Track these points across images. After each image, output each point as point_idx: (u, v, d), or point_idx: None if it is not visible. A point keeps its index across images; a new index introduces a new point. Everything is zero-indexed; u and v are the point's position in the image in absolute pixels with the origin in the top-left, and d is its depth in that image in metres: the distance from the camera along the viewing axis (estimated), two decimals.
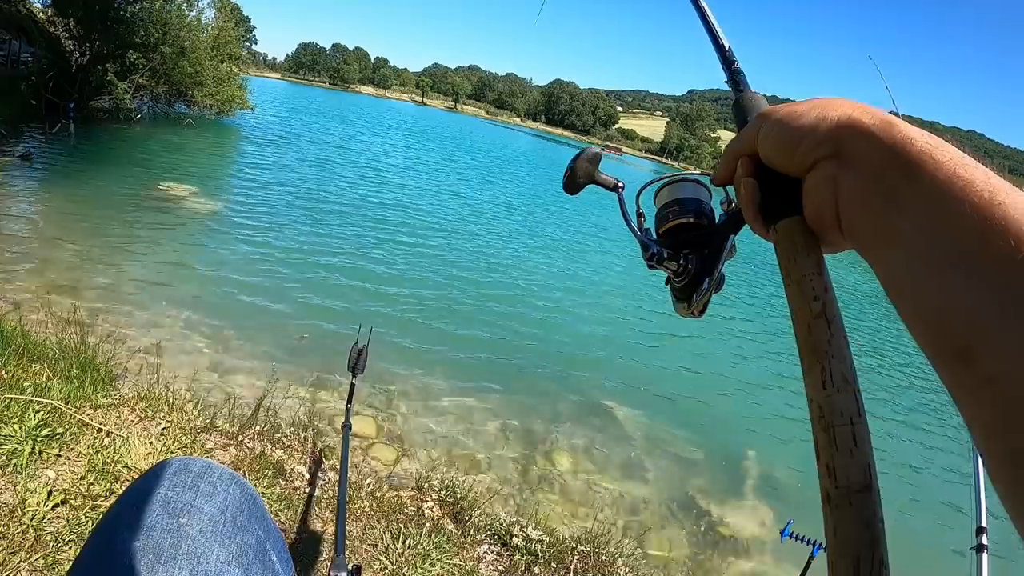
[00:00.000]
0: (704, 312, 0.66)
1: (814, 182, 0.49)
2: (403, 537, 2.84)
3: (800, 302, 0.47)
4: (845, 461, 0.40)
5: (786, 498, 5.76)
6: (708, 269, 0.63)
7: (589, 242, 16.85)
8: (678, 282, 0.66)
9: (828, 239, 0.50)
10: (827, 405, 0.42)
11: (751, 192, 0.54)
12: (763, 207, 0.53)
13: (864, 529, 0.38)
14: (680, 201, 0.67)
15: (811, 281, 0.47)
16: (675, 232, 0.66)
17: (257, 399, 3.98)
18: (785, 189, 0.52)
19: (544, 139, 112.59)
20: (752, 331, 11.73)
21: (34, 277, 6.06)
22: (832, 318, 0.45)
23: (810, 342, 0.45)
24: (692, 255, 0.64)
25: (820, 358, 0.44)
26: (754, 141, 0.54)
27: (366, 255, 9.86)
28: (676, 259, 0.64)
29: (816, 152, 0.48)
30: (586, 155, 0.71)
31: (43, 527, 2.04)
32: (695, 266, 0.63)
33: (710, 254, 0.63)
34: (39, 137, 13.57)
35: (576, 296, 10.60)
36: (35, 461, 2.33)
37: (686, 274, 0.64)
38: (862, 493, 0.39)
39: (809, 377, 0.44)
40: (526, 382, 6.53)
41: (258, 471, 2.96)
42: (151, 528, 0.75)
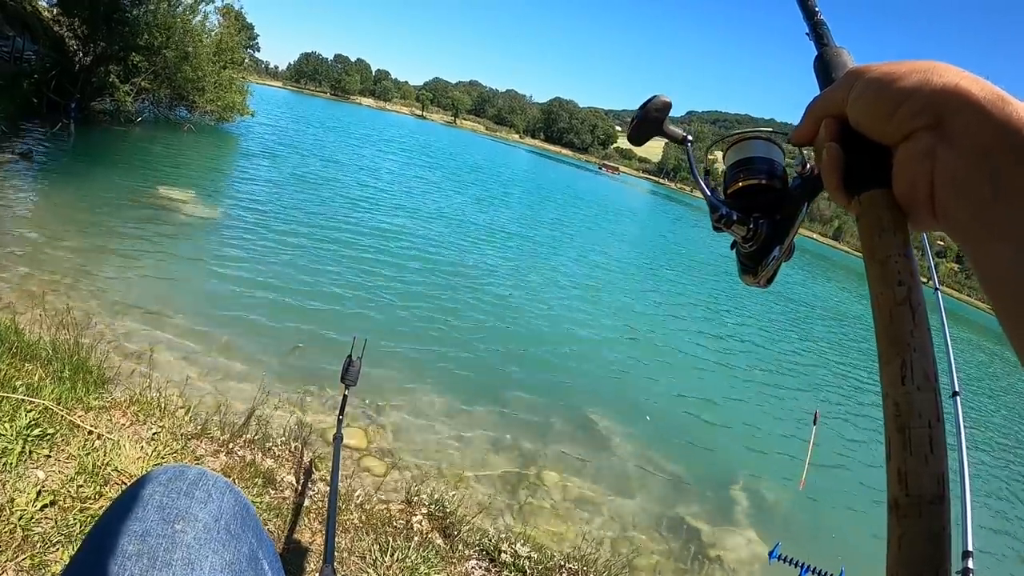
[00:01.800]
0: (771, 282, 0.62)
1: (908, 154, 0.45)
2: (391, 550, 2.82)
3: (882, 285, 0.44)
4: (919, 468, 0.37)
5: (774, 519, 5.77)
6: (779, 236, 0.59)
7: (583, 261, 16.90)
8: (746, 248, 0.61)
9: (917, 218, 0.46)
10: (905, 403, 0.39)
11: (835, 158, 0.50)
12: (847, 175, 0.49)
13: (931, 545, 0.35)
14: (751, 160, 0.62)
15: (896, 263, 0.44)
16: (744, 194, 0.61)
17: (249, 407, 3.97)
18: (873, 157, 0.48)
19: (542, 156, 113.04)
20: (744, 352, 11.75)
21: (29, 276, 6.04)
22: (917, 306, 0.42)
23: (891, 331, 0.42)
24: (763, 219, 0.59)
25: (901, 350, 0.40)
26: (842, 102, 0.50)
27: (361, 267, 9.86)
28: (746, 223, 0.60)
29: (914, 121, 0.44)
30: (655, 104, 0.66)
31: (31, 527, 2.03)
32: (765, 231, 0.59)
33: (782, 220, 0.59)
34: (39, 136, 13.56)
35: (569, 314, 10.61)
36: (25, 461, 2.32)
37: (755, 239, 0.60)
38: (934, 505, 0.36)
39: (887, 370, 0.41)
40: (517, 398, 6.52)
41: (248, 479, 2.95)
42: (146, 533, 0.75)
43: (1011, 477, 9.42)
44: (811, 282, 33.54)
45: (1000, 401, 16.45)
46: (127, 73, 19.63)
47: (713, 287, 19.26)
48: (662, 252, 25.37)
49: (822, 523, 5.96)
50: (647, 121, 0.66)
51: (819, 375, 12.13)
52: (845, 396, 11.11)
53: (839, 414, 9.73)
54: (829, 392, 11.01)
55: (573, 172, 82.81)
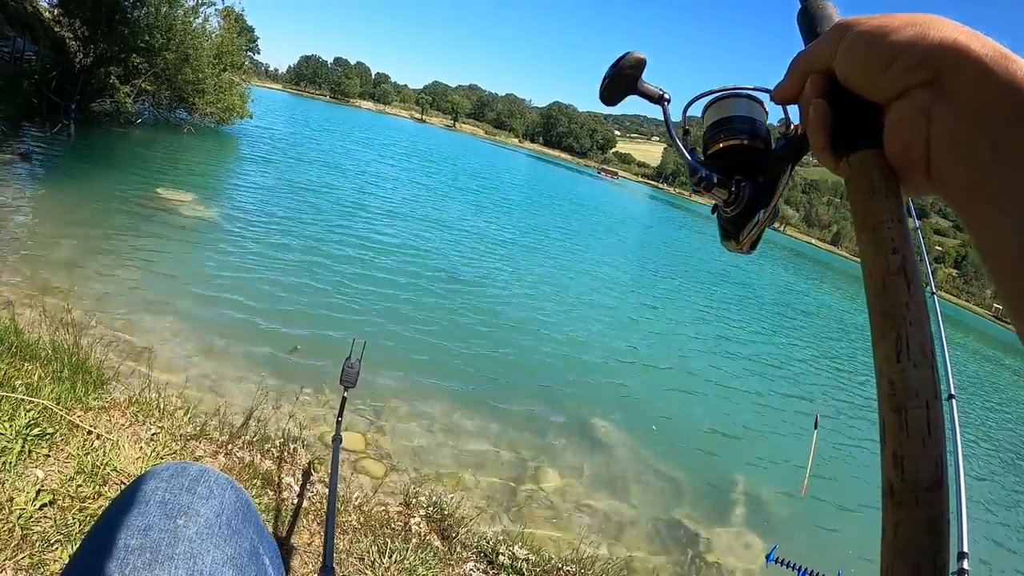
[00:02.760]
0: (754, 248, 0.61)
1: (902, 113, 0.42)
2: (390, 552, 2.82)
3: (874, 253, 0.41)
4: (916, 451, 0.35)
5: (772, 522, 5.77)
6: (763, 198, 0.56)
7: (582, 267, 16.91)
8: (728, 212, 0.59)
9: (910, 181, 0.44)
10: (900, 381, 0.36)
11: (822, 116, 0.47)
12: (835, 135, 0.46)
13: (928, 534, 0.34)
14: (731, 120, 0.59)
15: (889, 229, 0.41)
16: (725, 155, 0.58)
17: (248, 409, 3.97)
18: (863, 116, 0.45)
19: (541, 160, 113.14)
20: (743, 356, 11.75)
21: (29, 276, 6.04)
22: (912, 276, 0.39)
23: (884, 302, 0.39)
24: (745, 182, 0.57)
25: (896, 323, 0.38)
26: (830, 56, 0.47)
27: (360, 269, 9.86)
28: (727, 185, 0.56)
29: (909, 77, 0.41)
30: (628, 60, 0.62)
31: (30, 526, 2.03)
32: (748, 194, 0.56)
33: (766, 182, 0.56)
34: (39, 136, 13.56)
35: (567, 318, 10.62)
36: (24, 460, 2.32)
37: (738, 203, 0.57)
38: (931, 491, 0.34)
39: (880, 345, 0.38)
40: (516, 401, 6.53)
41: (247, 481, 2.95)
42: (149, 527, 0.76)
43: (1007, 481, 9.43)
44: (814, 289, 33.59)
45: (996, 406, 16.47)
46: (127, 74, 19.64)
47: (712, 293, 19.29)
48: (661, 258, 25.40)
49: (821, 527, 5.97)
50: (620, 78, 0.62)
51: (819, 379, 12.14)
52: (845, 399, 11.11)
53: (840, 417, 9.73)
54: (829, 395, 11.01)
55: (572, 177, 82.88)
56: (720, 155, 0.58)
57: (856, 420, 9.84)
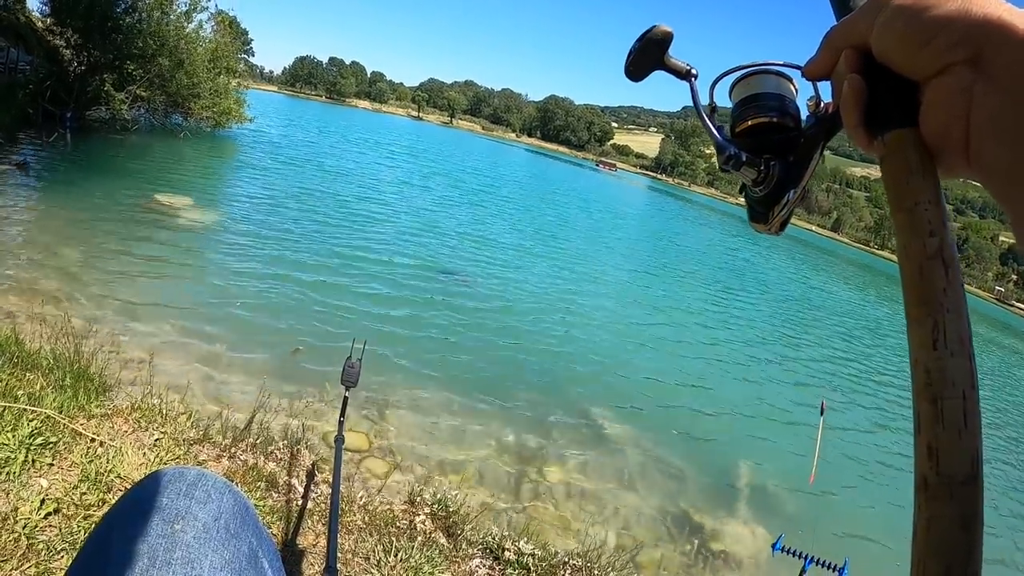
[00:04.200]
0: (783, 229, 0.59)
1: (941, 91, 0.40)
2: (395, 550, 2.83)
3: (911, 236, 0.39)
4: (951, 444, 0.34)
5: (777, 511, 5.78)
6: (793, 178, 0.54)
7: (582, 256, 16.90)
8: (757, 192, 0.57)
9: (947, 162, 0.42)
10: (937, 371, 0.35)
11: (858, 92, 0.45)
12: (869, 112, 0.45)
13: (962, 531, 0.33)
14: (760, 97, 0.56)
15: (926, 211, 0.39)
16: (753, 133, 0.56)
17: (250, 411, 3.98)
18: (899, 93, 0.43)
19: (540, 154, 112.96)
20: (744, 343, 11.75)
21: (28, 286, 6.05)
22: (951, 262, 0.38)
23: (921, 288, 0.38)
24: (775, 161, 0.55)
25: (933, 310, 0.36)
26: (866, 30, 0.45)
27: (360, 269, 9.86)
28: (756, 164, 0.55)
29: (950, 54, 0.39)
30: (654, 34, 0.59)
31: (35, 535, 2.04)
32: (778, 173, 0.55)
33: (795, 161, 0.55)
34: (36, 145, 13.57)
35: (569, 311, 10.61)
36: (28, 469, 2.33)
37: (767, 183, 0.55)
38: (966, 486, 0.33)
39: (916, 332, 0.37)
40: (518, 396, 6.53)
41: (251, 483, 2.96)
42: (146, 533, 0.76)
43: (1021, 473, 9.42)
44: (817, 277, 33.54)
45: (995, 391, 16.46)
46: (122, 81, 19.63)
47: (716, 283, 19.27)
48: (665, 249, 25.37)
49: (827, 515, 5.96)
50: (647, 53, 0.60)
51: (825, 367, 12.13)
52: (851, 386, 11.12)
53: (846, 404, 9.74)
54: (836, 382, 11.02)
55: (572, 170, 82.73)
56: (748, 133, 0.57)
57: (862, 408, 9.86)
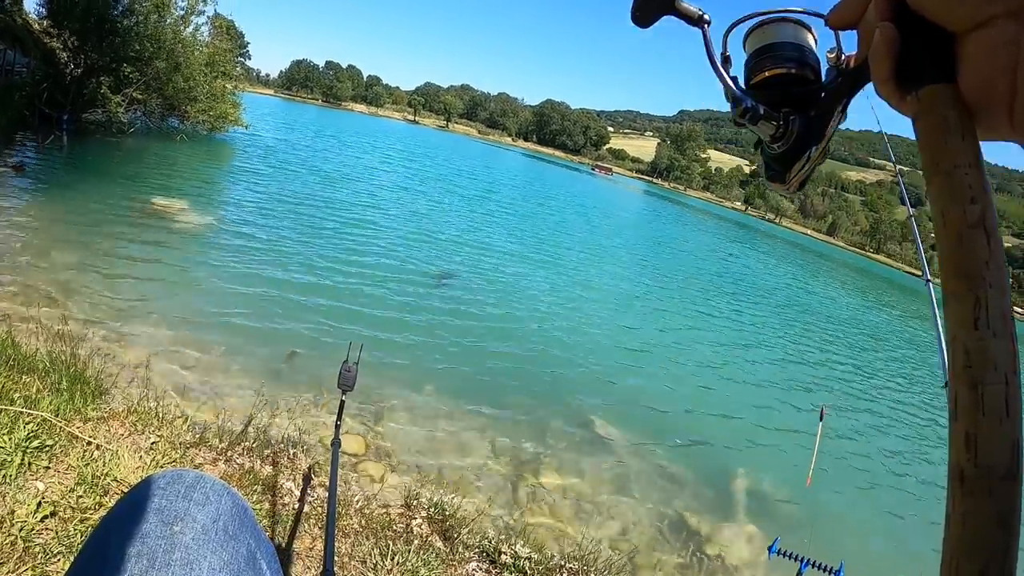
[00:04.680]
0: (802, 188, 0.56)
1: (984, 44, 0.37)
2: (391, 554, 2.83)
3: (949, 202, 0.36)
4: (992, 433, 0.31)
5: (774, 515, 5.78)
6: (814, 135, 0.51)
7: (579, 260, 16.92)
8: (774, 148, 0.53)
9: (987, 122, 0.38)
10: (978, 352, 0.32)
11: (890, 41, 0.40)
12: (901, 65, 0.41)
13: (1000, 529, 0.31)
14: (778, 46, 0.52)
15: (967, 175, 0.36)
16: (769, 86, 0.52)
17: (247, 415, 3.98)
18: (935, 45, 0.39)
19: (536, 159, 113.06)
20: (742, 348, 11.76)
21: (24, 288, 6.04)
22: (993, 231, 0.34)
23: (960, 260, 0.34)
24: (794, 115, 0.51)
25: (974, 284, 0.33)
26: None
27: (357, 273, 9.86)
28: (775, 119, 0.51)
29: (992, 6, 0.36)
30: None
31: (32, 538, 2.04)
32: (798, 129, 0.51)
33: (816, 116, 0.51)
34: (32, 148, 13.54)
35: (566, 316, 10.62)
36: (24, 472, 2.32)
37: (786, 138, 0.52)
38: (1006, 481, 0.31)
39: (954, 310, 0.34)
40: (515, 400, 6.53)
41: (247, 487, 2.95)
42: (145, 535, 0.77)
43: None
44: (813, 281, 33.61)
45: None
46: (118, 84, 19.61)
47: (714, 288, 19.30)
48: (663, 255, 25.41)
49: (824, 519, 5.97)
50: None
51: (824, 372, 12.16)
52: (850, 393, 11.14)
53: (845, 410, 9.75)
54: (835, 388, 11.04)
55: (568, 174, 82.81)
56: (764, 85, 0.53)
57: (861, 413, 9.87)
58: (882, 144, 2.10)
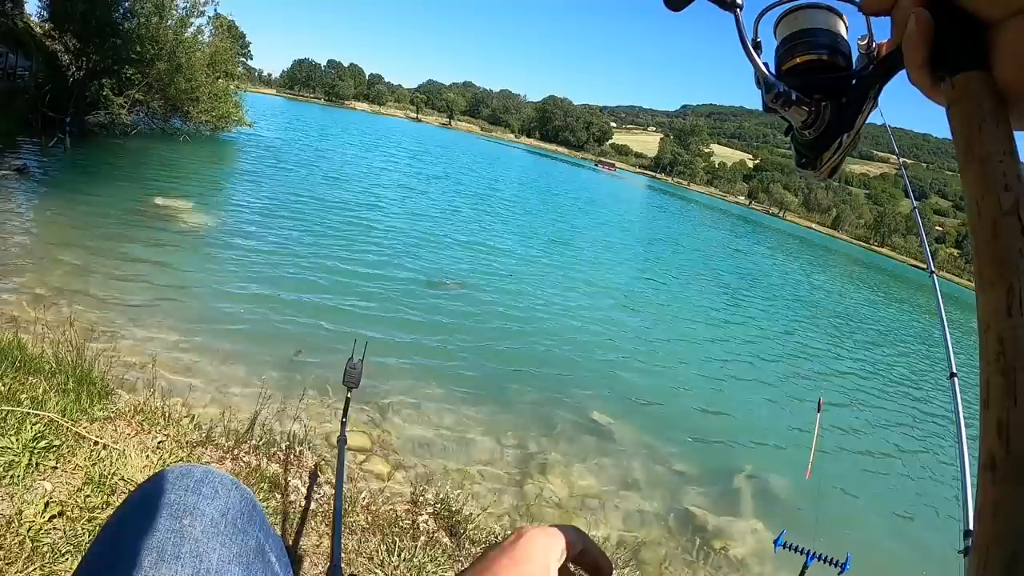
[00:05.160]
0: (834, 175, 0.56)
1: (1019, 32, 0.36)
2: (398, 550, 2.84)
3: (983, 189, 0.36)
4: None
5: (779, 508, 5.78)
6: (846, 122, 0.51)
7: (584, 255, 16.90)
8: (807, 135, 0.53)
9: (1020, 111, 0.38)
10: (1012, 340, 0.32)
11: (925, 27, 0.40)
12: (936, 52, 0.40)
13: None
14: (810, 32, 0.52)
15: (1001, 163, 0.36)
16: (799, 72, 0.52)
17: (253, 413, 3.99)
18: (969, 31, 0.39)
19: (539, 155, 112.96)
20: (746, 343, 11.75)
21: (30, 290, 6.06)
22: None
23: (995, 248, 0.34)
24: (827, 102, 0.51)
25: (1008, 272, 0.33)
26: None
27: (362, 270, 9.87)
28: (807, 104, 0.51)
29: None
30: None
31: (40, 538, 2.05)
32: (830, 115, 0.51)
33: (848, 103, 0.51)
34: (35, 151, 13.59)
35: (571, 313, 10.61)
36: (32, 473, 2.34)
37: (818, 125, 0.52)
38: None
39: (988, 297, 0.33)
40: (520, 396, 6.53)
41: (254, 484, 2.96)
42: (154, 529, 0.77)
43: None
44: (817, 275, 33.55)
45: None
46: (121, 86, 19.66)
47: (719, 283, 19.28)
48: (668, 251, 25.37)
49: (828, 511, 5.96)
50: None
51: (828, 366, 12.14)
52: (849, 383, 11.12)
53: (844, 402, 9.73)
54: (832, 379, 11.02)
55: (571, 171, 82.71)
56: (794, 72, 0.52)
57: (864, 407, 9.85)
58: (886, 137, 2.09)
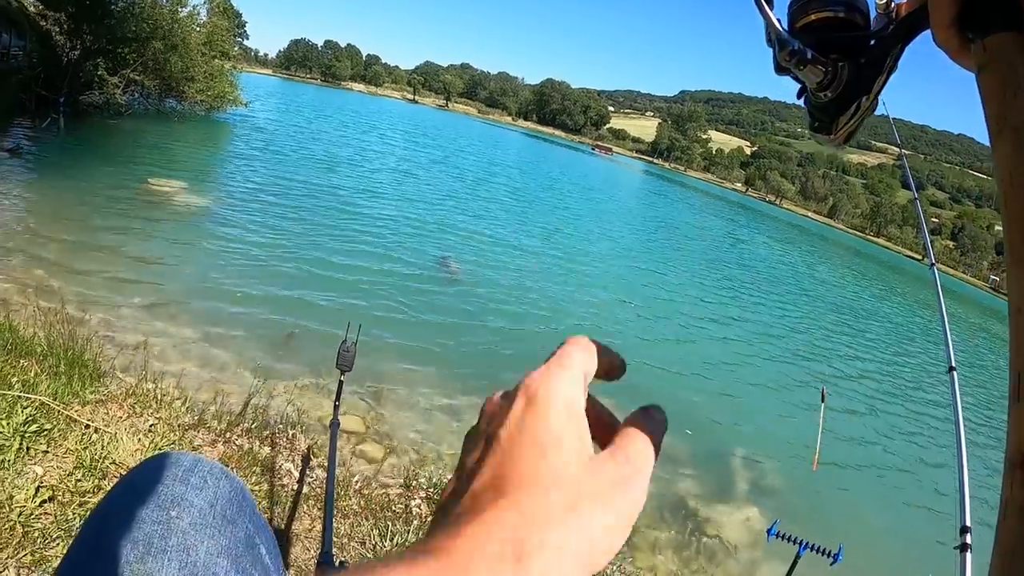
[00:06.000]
0: (850, 140, 0.53)
1: None
2: (391, 534, 2.85)
3: (1019, 159, 0.33)
4: None
5: (772, 497, 5.80)
6: (864, 84, 0.48)
7: (579, 234, 16.87)
8: (821, 97, 0.50)
9: None
10: None
11: None
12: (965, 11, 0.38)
13: None
14: None
15: None
16: (814, 30, 0.48)
17: (245, 396, 3.99)
18: None
19: (536, 138, 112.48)
20: (749, 332, 11.77)
21: (21, 272, 6.03)
22: None
23: None
24: (843, 62, 0.48)
25: None
26: None
27: (355, 252, 9.83)
28: (824, 64, 0.48)
29: None
30: None
31: (31, 523, 2.05)
32: (848, 77, 0.48)
33: (867, 64, 0.48)
34: (28, 131, 13.46)
35: (569, 297, 10.61)
36: (23, 457, 2.33)
37: (835, 86, 0.49)
38: None
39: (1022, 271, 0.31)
40: (513, 379, 6.51)
41: (246, 468, 2.97)
42: (141, 520, 0.76)
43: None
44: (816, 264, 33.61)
45: (994, 377, 16.56)
46: (115, 65, 19.45)
47: (719, 271, 19.28)
48: (659, 235, 25.36)
49: (823, 502, 6.00)
50: None
51: (828, 356, 12.18)
52: (851, 374, 11.17)
53: (847, 393, 9.77)
54: (835, 371, 11.05)
55: (569, 154, 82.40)
56: (809, 30, 0.49)
57: (865, 398, 9.90)
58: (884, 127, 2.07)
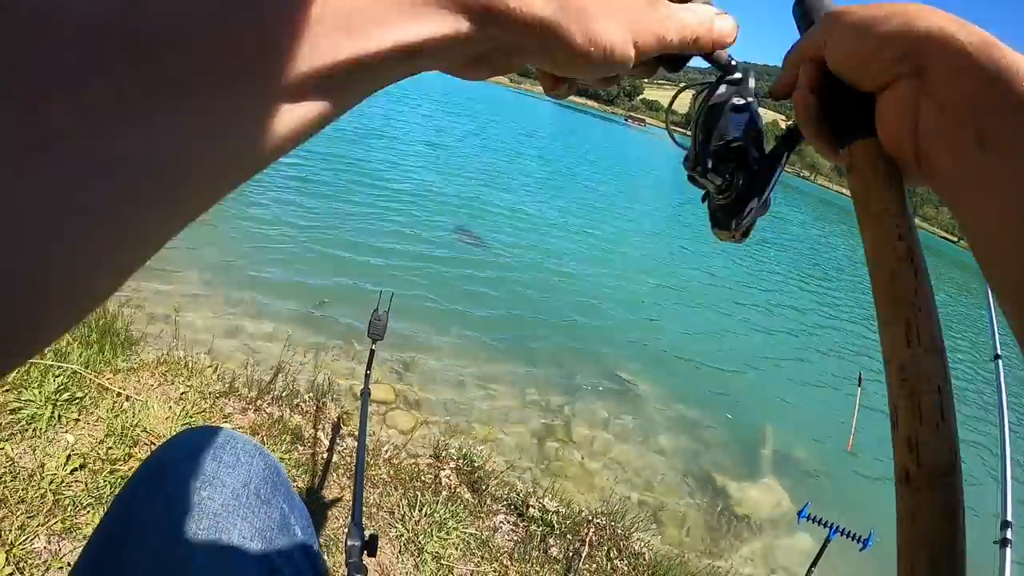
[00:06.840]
0: (746, 237, 0.60)
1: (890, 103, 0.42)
2: (420, 505, 2.84)
3: (880, 242, 0.40)
4: (930, 437, 0.35)
5: (804, 478, 5.72)
6: (757, 187, 0.55)
7: (612, 208, 16.71)
8: (720, 200, 0.58)
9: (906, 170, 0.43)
10: (912, 367, 0.36)
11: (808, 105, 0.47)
12: (833, 124, 0.47)
13: (946, 521, 0.34)
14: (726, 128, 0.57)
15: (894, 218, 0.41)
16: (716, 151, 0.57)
17: (276, 364, 3.99)
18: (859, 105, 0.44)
19: (568, 108, 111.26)
20: (774, 303, 11.62)
21: None
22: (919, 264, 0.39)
23: (892, 290, 0.39)
24: (738, 169, 0.55)
25: (904, 310, 0.38)
26: (821, 46, 0.47)
27: (387, 221, 9.80)
28: (722, 173, 0.55)
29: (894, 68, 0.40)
30: None
31: (62, 491, 2.06)
32: (742, 182, 0.55)
33: (759, 170, 0.55)
34: None
35: (598, 266, 10.52)
36: (54, 425, 2.34)
37: (731, 191, 0.56)
38: (947, 477, 0.35)
39: (889, 332, 0.38)
40: (546, 353, 6.49)
41: (276, 436, 2.97)
42: (171, 500, 0.73)
43: None
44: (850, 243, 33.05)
45: None
46: None
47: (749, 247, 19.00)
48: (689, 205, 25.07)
49: (857, 486, 5.89)
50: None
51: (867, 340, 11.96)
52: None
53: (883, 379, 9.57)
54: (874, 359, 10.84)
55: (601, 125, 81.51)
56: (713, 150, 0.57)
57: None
58: None
